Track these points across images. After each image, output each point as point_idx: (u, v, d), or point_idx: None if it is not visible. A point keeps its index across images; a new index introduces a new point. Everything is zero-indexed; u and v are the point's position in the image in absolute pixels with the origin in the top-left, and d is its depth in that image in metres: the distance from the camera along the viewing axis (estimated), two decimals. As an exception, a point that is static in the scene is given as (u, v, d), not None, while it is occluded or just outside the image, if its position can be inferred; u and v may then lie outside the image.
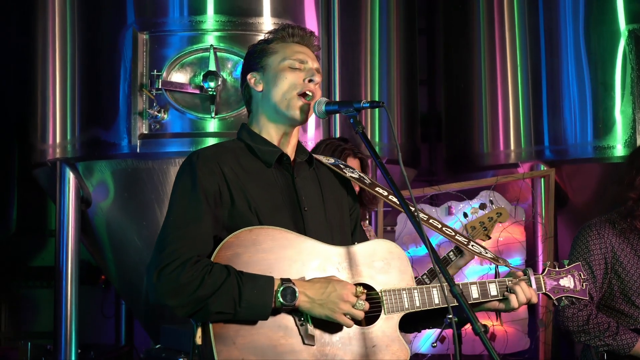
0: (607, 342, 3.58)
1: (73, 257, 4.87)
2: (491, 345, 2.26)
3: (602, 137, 4.91)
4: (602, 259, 3.65)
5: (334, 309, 2.42)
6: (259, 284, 2.40)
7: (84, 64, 4.87)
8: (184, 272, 2.36)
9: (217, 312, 2.38)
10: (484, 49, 5.39)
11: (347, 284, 2.45)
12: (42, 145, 5.04)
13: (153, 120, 4.60)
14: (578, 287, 2.81)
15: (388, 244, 2.59)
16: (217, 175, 2.51)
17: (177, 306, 2.38)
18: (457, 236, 2.85)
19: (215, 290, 2.36)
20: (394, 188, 2.50)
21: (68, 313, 4.83)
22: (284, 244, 2.48)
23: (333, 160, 2.80)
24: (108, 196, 4.90)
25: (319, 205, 2.63)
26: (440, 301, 2.56)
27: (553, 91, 5.05)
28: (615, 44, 4.90)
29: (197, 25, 4.64)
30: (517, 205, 5.05)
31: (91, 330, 6.19)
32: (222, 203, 2.50)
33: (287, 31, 2.62)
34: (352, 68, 4.94)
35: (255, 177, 2.56)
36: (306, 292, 2.42)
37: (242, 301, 2.38)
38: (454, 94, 5.77)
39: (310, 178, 2.66)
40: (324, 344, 2.45)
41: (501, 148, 5.27)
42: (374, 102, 2.53)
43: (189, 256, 2.40)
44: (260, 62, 2.61)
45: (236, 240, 2.45)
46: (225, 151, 2.59)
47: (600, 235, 3.66)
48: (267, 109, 2.60)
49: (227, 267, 2.41)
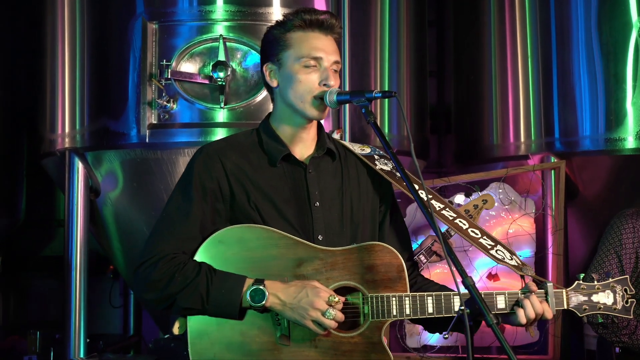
0: (622, 340, 3.55)
1: (81, 247, 4.87)
2: (503, 337, 2.25)
3: (613, 129, 4.87)
4: (633, 252, 3.60)
5: (303, 315, 2.42)
6: (229, 283, 2.43)
7: (93, 54, 4.87)
8: (157, 268, 2.43)
9: (185, 307, 2.43)
10: (494, 41, 5.35)
11: (321, 290, 2.42)
12: (51, 135, 5.04)
13: (162, 110, 4.59)
14: (619, 305, 2.56)
15: (382, 248, 2.53)
16: (217, 172, 2.51)
17: (151, 300, 2.46)
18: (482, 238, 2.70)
19: (184, 287, 2.42)
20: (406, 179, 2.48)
21: (76, 303, 4.83)
22: (268, 244, 2.48)
23: (369, 149, 2.75)
24: (117, 186, 4.90)
25: (335, 199, 2.60)
26: (435, 311, 2.50)
27: (564, 83, 5.02)
28: (627, 36, 4.86)
29: (206, 15, 4.63)
30: (527, 197, 5.03)
31: (99, 320, 6.20)
32: (223, 197, 2.51)
33: (306, 19, 2.56)
34: (362, 59, 4.92)
35: (263, 172, 2.55)
36: (278, 294, 2.43)
37: (209, 299, 2.42)
38: (464, 86, 5.74)
39: (331, 171, 2.63)
40: (299, 346, 2.46)
41: (511, 140, 5.25)
42: (385, 92, 2.51)
43: (166, 253, 2.45)
44: (277, 54, 2.58)
45: (222, 237, 2.48)
46: (233, 146, 2.58)
47: (634, 228, 3.60)
48: (283, 106, 2.59)
49: (200, 265, 2.45)
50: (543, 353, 4.92)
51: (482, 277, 4.77)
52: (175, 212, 2.51)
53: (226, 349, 2.43)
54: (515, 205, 4.99)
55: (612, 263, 3.59)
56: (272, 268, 2.47)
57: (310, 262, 2.48)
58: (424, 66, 5.50)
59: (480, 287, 2.36)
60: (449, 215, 2.70)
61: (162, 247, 2.46)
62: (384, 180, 2.69)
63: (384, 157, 2.73)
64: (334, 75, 2.55)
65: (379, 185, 2.69)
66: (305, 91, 2.53)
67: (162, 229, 2.51)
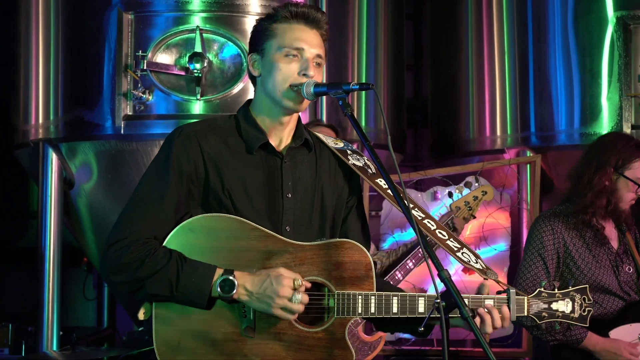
0: (557, 338, 3.64)
1: (55, 239, 4.83)
2: (479, 331, 2.25)
3: (588, 124, 4.91)
4: (554, 253, 3.70)
5: (270, 304, 2.41)
6: (199, 272, 2.41)
7: (68, 44, 4.82)
8: (129, 251, 2.40)
9: (153, 294, 2.42)
10: (472, 36, 5.37)
11: (284, 277, 2.41)
12: (24, 125, 4.98)
13: (137, 101, 4.56)
14: (577, 313, 2.61)
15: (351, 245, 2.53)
16: (194, 154, 2.49)
17: (119, 283, 2.44)
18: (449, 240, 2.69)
19: (153, 272, 2.40)
20: (383, 172, 2.48)
21: (50, 295, 4.80)
22: (239, 235, 2.46)
23: (342, 144, 2.75)
24: (91, 178, 4.86)
25: (308, 191, 2.59)
26: (400, 311, 2.51)
27: (540, 77, 5.04)
28: (603, 31, 4.89)
29: (183, 6, 4.60)
30: (503, 191, 5.05)
31: (73, 313, 6.16)
32: (198, 181, 2.49)
33: (292, 10, 2.55)
34: (340, 52, 4.91)
35: (240, 158, 2.54)
36: (245, 285, 2.41)
37: (179, 286, 2.40)
38: (441, 79, 5.75)
39: (306, 162, 2.62)
40: (263, 338, 2.45)
41: (487, 134, 5.26)
42: (363, 84, 2.49)
43: (139, 236, 2.43)
44: (261, 44, 2.57)
45: (193, 225, 2.46)
46: (212, 129, 2.56)
47: (553, 229, 3.71)
48: (263, 96, 2.58)
49: (171, 252, 2.43)
50: (517, 346, 4.96)
51: (458, 271, 4.80)
52: (150, 193, 2.47)
53: (191, 337, 2.42)
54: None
55: (538, 266, 3.69)
56: (241, 259, 2.45)
57: (279, 255, 2.47)
58: (401, 59, 5.50)
59: (455, 281, 2.36)
60: (418, 215, 2.69)
61: (135, 229, 2.43)
62: (354, 175, 2.70)
63: (357, 152, 2.73)
64: (315, 69, 2.54)
65: (349, 180, 2.70)
66: (283, 79, 2.51)
67: (136, 210, 2.47)
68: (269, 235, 2.48)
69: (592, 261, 3.72)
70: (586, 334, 3.62)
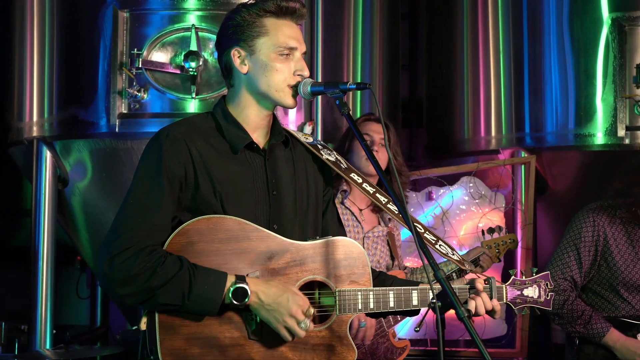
0: (577, 330, 3.61)
1: (49, 237, 4.81)
2: (475, 331, 2.25)
3: (583, 124, 4.91)
4: (592, 245, 3.65)
5: (278, 319, 2.42)
6: (211, 280, 2.39)
7: (63, 42, 4.80)
8: (137, 262, 2.34)
9: (164, 303, 2.37)
10: (467, 35, 5.37)
11: (301, 299, 2.43)
12: (18, 123, 4.96)
13: (132, 99, 4.54)
14: (542, 298, 2.75)
15: (348, 242, 2.55)
16: (184, 157, 2.46)
17: (127, 295, 2.37)
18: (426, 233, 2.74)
19: (166, 282, 2.35)
20: (379, 170, 2.47)
21: (43, 294, 4.78)
22: (239, 236, 2.45)
23: (312, 139, 2.76)
24: (86, 176, 4.85)
25: (289, 187, 2.59)
26: (395, 305, 2.54)
27: (535, 78, 5.05)
28: (598, 32, 4.90)
29: (178, 4, 4.59)
30: (497, 192, 5.06)
31: (66, 311, 6.14)
32: (187, 185, 2.46)
33: (282, 6, 2.53)
34: (335, 51, 4.91)
35: (226, 159, 2.52)
36: (259, 294, 2.41)
37: (191, 295, 2.37)
38: (436, 79, 5.75)
39: (285, 159, 2.62)
40: (270, 340, 2.45)
41: (482, 134, 5.27)
42: (360, 84, 2.50)
43: (144, 245, 2.37)
44: (249, 40, 2.53)
45: (192, 228, 2.43)
46: (196, 130, 2.52)
47: (595, 222, 3.66)
48: (249, 93, 2.55)
49: (181, 259, 2.39)
50: (511, 346, 4.96)
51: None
52: (146, 199, 2.42)
53: (197, 343, 2.39)
54: (486, 200, 5.02)
55: (571, 256, 3.66)
56: (243, 261, 2.44)
57: (280, 255, 2.47)
58: (396, 59, 5.50)
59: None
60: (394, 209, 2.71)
61: (139, 237, 2.37)
62: (326, 168, 2.70)
63: (326, 147, 2.75)
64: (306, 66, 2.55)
65: (322, 174, 2.71)
66: (282, 80, 2.51)
67: (135, 217, 2.41)
68: (269, 235, 2.48)
69: (632, 258, 3.64)
70: (609, 329, 3.59)
